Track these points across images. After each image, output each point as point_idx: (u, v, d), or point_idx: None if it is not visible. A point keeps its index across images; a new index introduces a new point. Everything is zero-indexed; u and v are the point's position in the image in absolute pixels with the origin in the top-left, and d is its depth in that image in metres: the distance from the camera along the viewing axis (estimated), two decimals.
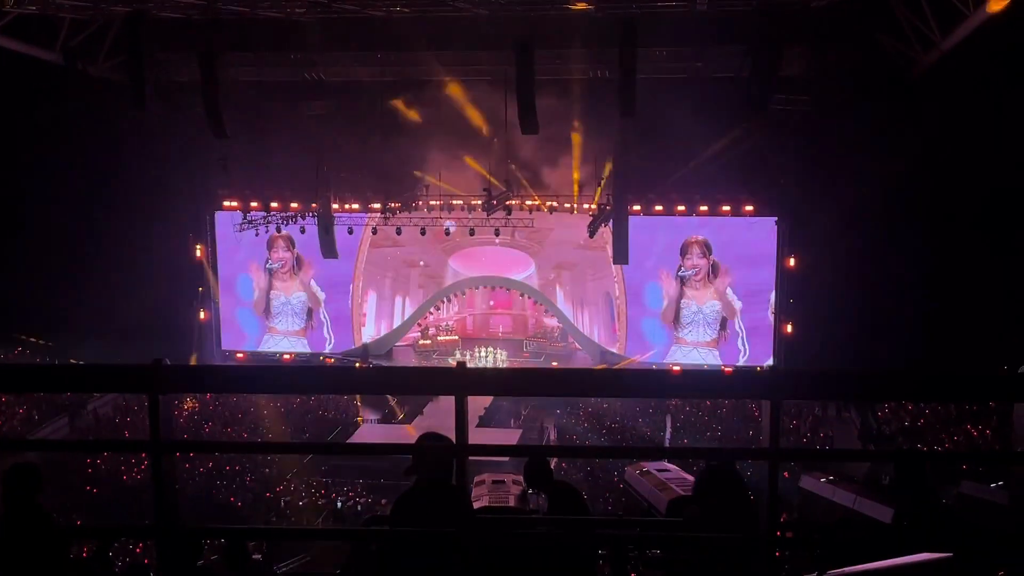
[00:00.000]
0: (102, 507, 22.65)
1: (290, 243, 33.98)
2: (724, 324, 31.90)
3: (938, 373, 3.54)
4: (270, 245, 33.96)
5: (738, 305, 31.60)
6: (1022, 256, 23.76)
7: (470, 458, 4.06)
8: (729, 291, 31.69)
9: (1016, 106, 22.07)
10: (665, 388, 5.25)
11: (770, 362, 30.73)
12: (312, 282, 34.37)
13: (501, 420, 30.21)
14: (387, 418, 31.42)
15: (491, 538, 4.09)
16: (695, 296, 32.04)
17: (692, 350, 32.14)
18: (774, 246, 30.39)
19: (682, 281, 31.97)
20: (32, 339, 31.43)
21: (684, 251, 31.78)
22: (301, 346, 34.66)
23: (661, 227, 31.34)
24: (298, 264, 34.30)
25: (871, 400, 20.67)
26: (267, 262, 34.32)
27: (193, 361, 31.40)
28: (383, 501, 22.91)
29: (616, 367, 31.91)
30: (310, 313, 34.56)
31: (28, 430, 26.68)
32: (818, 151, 27.37)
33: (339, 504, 24.50)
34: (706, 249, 31.60)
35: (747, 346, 31.63)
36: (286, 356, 34.29)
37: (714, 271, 31.73)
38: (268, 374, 6.68)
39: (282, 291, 34.51)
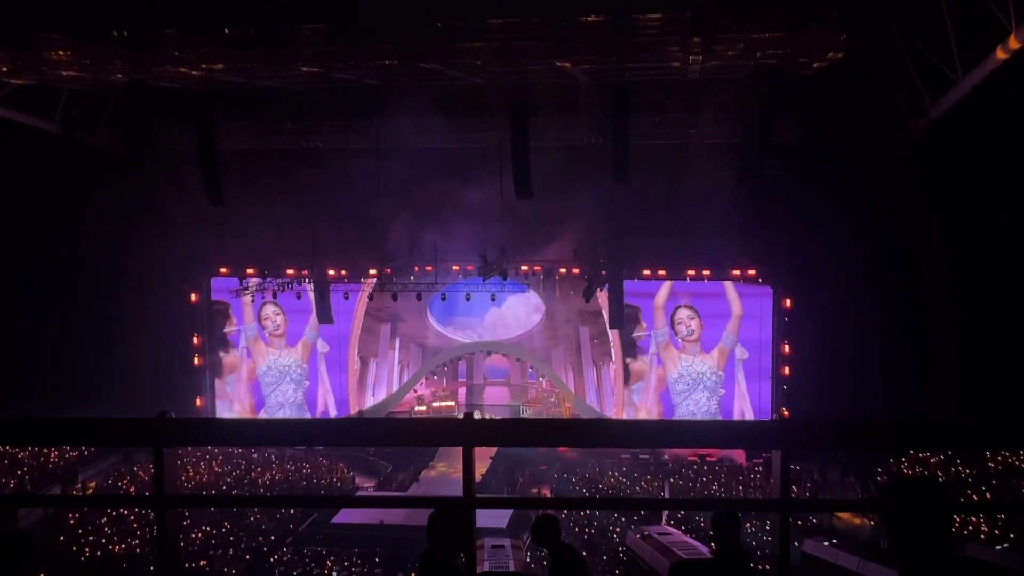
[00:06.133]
0: None
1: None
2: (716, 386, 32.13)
3: (947, 422, 3.52)
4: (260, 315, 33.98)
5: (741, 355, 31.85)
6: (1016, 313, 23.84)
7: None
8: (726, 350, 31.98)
9: (1007, 171, 22.29)
10: (671, 438, 5.21)
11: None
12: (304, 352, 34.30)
13: (497, 488, 29.80)
14: (382, 486, 31.02)
15: None
16: (686, 358, 32.24)
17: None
18: (769, 312, 30.73)
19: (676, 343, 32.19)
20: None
21: (674, 316, 32.12)
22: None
23: (654, 292, 31.66)
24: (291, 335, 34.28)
25: (883, 450, 20.51)
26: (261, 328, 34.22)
27: None
28: (378, 571, 22.53)
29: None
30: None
31: None
32: (811, 216, 27.56)
33: (335, 575, 23.99)
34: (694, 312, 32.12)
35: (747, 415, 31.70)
36: None
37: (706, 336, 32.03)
38: (274, 426, 6.57)
39: (272, 361, 34.37)
